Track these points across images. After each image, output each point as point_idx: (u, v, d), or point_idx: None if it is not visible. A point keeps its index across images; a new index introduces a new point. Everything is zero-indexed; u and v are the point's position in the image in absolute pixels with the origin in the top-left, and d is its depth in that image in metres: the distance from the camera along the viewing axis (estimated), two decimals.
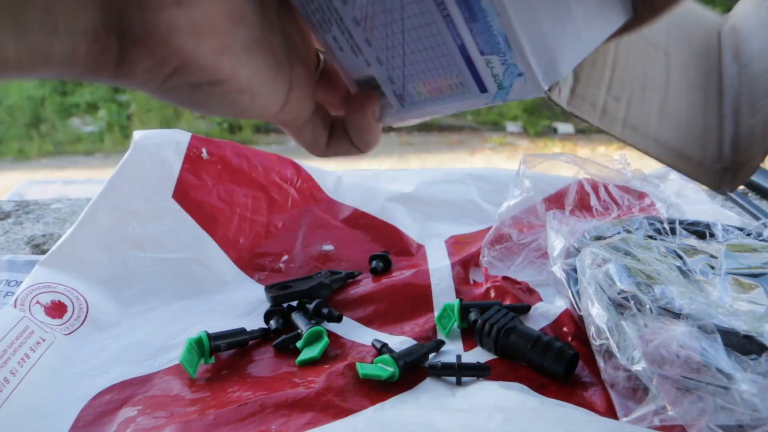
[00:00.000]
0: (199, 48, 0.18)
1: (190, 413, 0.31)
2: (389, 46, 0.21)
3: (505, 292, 0.42)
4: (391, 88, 0.22)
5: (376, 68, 0.22)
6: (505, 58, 0.19)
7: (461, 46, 0.19)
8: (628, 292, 0.32)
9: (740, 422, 0.27)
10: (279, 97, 0.21)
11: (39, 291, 0.40)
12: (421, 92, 0.22)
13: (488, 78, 0.20)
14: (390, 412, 0.31)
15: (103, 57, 0.18)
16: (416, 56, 0.21)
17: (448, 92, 0.21)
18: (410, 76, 0.21)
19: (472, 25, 0.19)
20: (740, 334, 0.29)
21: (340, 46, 0.22)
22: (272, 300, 0.42)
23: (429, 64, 0.21)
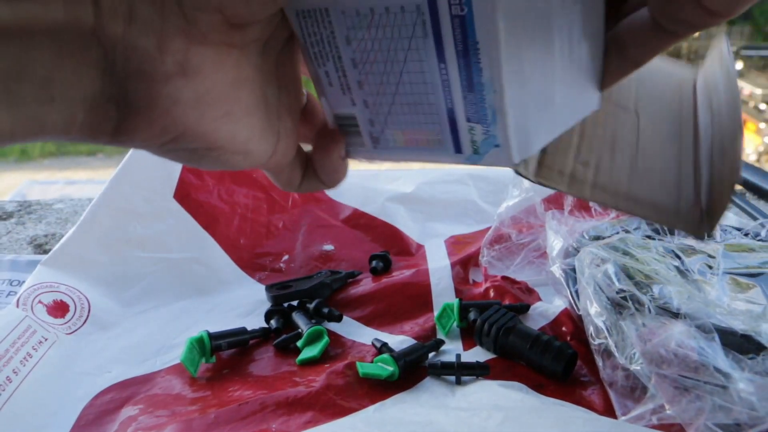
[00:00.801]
0: (202, 118, 0.18)
1: (191, 412, 0.31)
2: (380, 93, 0.21)
3: (505, 291, 0.42)
4: (369, 130, 0.23)
5: (360, 109, 0.22)
6: (488, 129, 0.20)
7: (450, 109, 0.20)
8: (626, 292, 0.32)
9: (738, 421, 0.27)
10: (268, 151, 0.21)
11: (41, 291, 0.40)
12: (398, 140, 0.22)
13: (467, 142, 0.21)
14: (390, 411, 0.31)
15: (100, 125, 0.17)
16: (403, 108, 0.21)
17: (424, 146, 0.22)
18: (392, 123, 0.22)
19: (467, 95, 0.20)
20: (738, 334, 0.30)
21: (330, 82, 0.22)
22: (273, 300, 0.42)
23: (413, 117, 0.21)
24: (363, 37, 0.20)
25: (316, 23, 0.20)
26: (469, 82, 0.19)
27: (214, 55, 0.18)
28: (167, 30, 0.17)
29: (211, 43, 0.18)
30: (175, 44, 0.17)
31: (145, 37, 0.16)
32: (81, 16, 0.15)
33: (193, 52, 0.17)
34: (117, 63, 0.16)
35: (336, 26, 0.20)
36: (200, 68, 0.17)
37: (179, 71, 0.17)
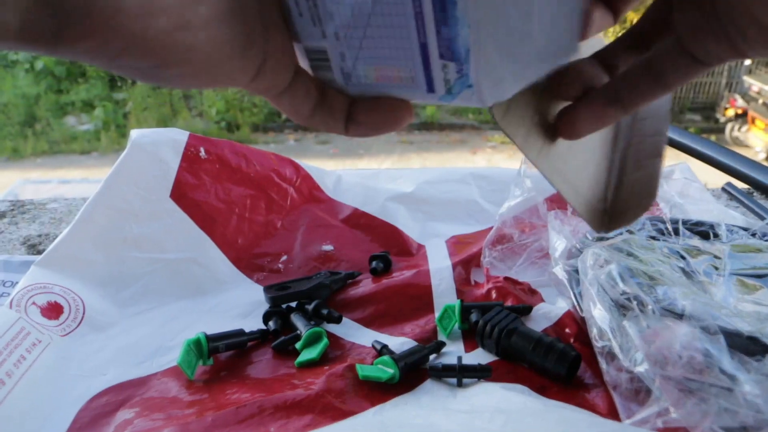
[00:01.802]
0: (148, 30, 0.16)
1: (187, 415, 0.31)
2: (352, 25, 0.20)
3: (507, 292, 0.42)
4: (340, 65, 0.22)
5: (331, 42, 0.21)
6: (462, 68, 0.20)
7: (423, 44, 0.20)
8: (630, 293, 0.32)
9: (744, 424, 0.27)
10: (248, 70, 0.20)
11: (35, 292, 0.39)
12: (369, 76, 0.22)
13: (440, 81, 0.21)
14: (390, 414, 0.31)
15: (37, 32, 0.16)
16: (376, 42, 0.20)
17: (396, 82, 0.21)
18: (363, 58, 0.21)
19: (441, 28, 0.19)
20: (744, 335, 0.29)
21: (300, 11, 0.21)
22: (271, 301, 0.42)
23: (386, 52, 0.21)
24: None
25: None
26: (443, 14, 0.19)
27: None
28: None
29: None
30: None
31: None
32: None
33: None
34: None
35: None
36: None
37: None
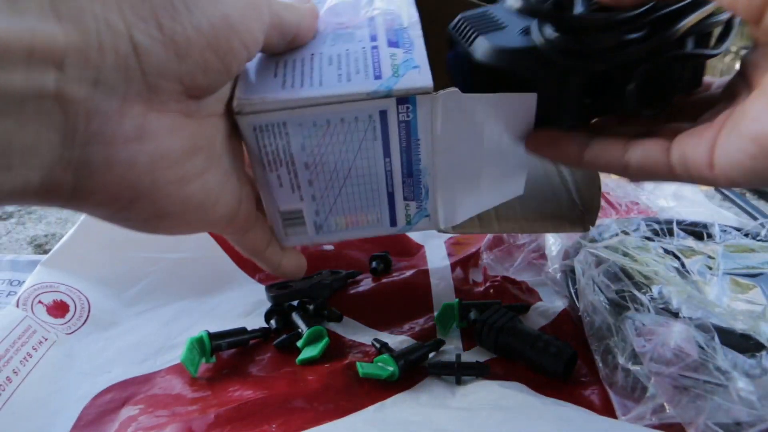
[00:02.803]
0: (156, 182, 0.18)
1: (191, 412, 0.31)
2: (328, 188, 0.23)
3: (505, 291, 0.42)
4: (314, 220, 0.25)
5: (307, 204, 0.24)
6: (421, 204, 0.24)
7: (390, 193, 0.23)
8: (626, 292, 0.32)
9: (738, 420, 0.27)
10: (228, 215, 0.22)
11: (41, 291, 0.40)
12: (340, 224, 0.25)
13: (401, 217, 0.24)
14: (390, 411, 0.31)
15: (56, 190, 0.17)
16: (349, 197, 0.24)
17: (364, 225, 0.25)
18: (336, 212, 0.24)
19: (406, 180, 0.23)
20: (737, 333, 0.30)
21: (281, 183, 0.24)
22: (273, 300, 0.42)
23: (357, 204, 0.24)
24: (318, 144, 0.22)
25: (273, 135, 0.22)
26: (408, 169, 0.23)
27: (171, 123, 0.18)
28: (129, 95, 0.17)
29: (168, 110, 0.18)
30: (135, 109, 0.17)
31: (108, 100, 0.16)
32: (44, 82, 0.15)
33: (151, 117, 0.18)
34: (78, 127, 0.16)
35: (292, 136, 0.22)
36: (157, 134, 0.18)
37: (137, 135, 0.17)
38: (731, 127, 0.19)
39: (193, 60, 0.18)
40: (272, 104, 0.21)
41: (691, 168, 0.20)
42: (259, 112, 0.21)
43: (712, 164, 0.20)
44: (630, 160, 0.22)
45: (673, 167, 0.21)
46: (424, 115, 0.21)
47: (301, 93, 0.21)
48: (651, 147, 0.22)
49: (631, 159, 0.22)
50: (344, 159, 0.22)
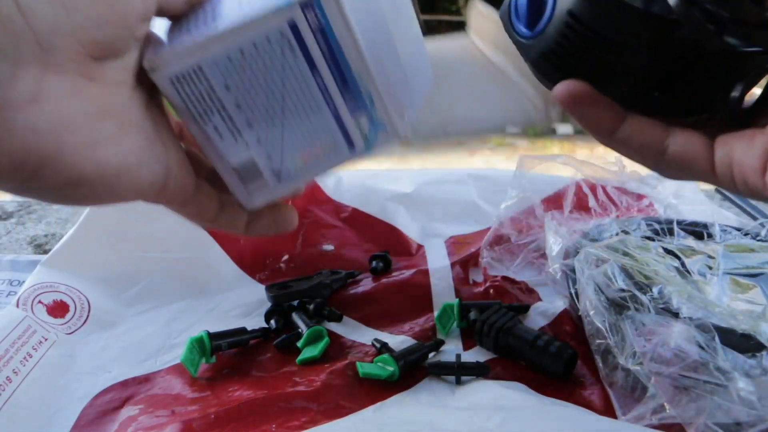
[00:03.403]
0: (62, 147, 0.17)
1: (191, 412, 0.31)
2: (270, 124, 0.22)
3: (505, 291, 0.42)
4: (269, 167, 0.24)
5: (255, 149, 0.23)
6: (371, 115, 0.22)
7: (335, 112, 0.22)
8: (626, 292, 0.32)
9: (738, 420, 0.27)
10: (154, 183, 0.21)
11: (41, 291, 0.40)
12: (298, 162, 0.24)
13: (357, 137, 0.23)
14: (390, 411, 0.31)
15: None
16: (294, 129, 0.23)
17: (321, 157, 0.24)
18: (288, 149, 0.23)
19: (345, 93, 0.22)
20: (738, 333, 0.30)
21: (221, 134, 0.23)
22: (273, 300, 0.42)
23: (306, 133, 0.23)
24: (241, 78, 0.21)
25: (192, 82, 0.21)
26: (342, 80, 0.21)
27: (72, 85, 0.18)
28: (22, 57, 0.16)
29: (68, 72, 0.17)
30: (30, 72, 0.17)
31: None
32: None
33: (49, 80, 0.17)
34: None
35: (212, 78, 0.21)
36: (56, 96, 0.17)
37: (33, 98, 0.17)
38: None
39: (83, 13, 0.17)
40: (180, 51, 0.20)
41: (736, 170, 0.19)
42: (169, 63, 0.21)
43: (764, 171, 0.19)
44: (669, 146, 0.20)
45: (715, 165, 0.20)
46: (334, 15, 0.20)
47: (205, 31, 0.20)
48: (694, 138, 0.20)
49: (671, 145, 0.20)
50: (273, 87, 0.21)
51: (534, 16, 0.22)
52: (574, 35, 0.21)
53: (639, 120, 0.21)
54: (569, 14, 0.21)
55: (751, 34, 0.19)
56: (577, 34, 0.21)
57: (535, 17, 0.22)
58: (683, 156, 0.20)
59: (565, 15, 0.21)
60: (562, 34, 0.21)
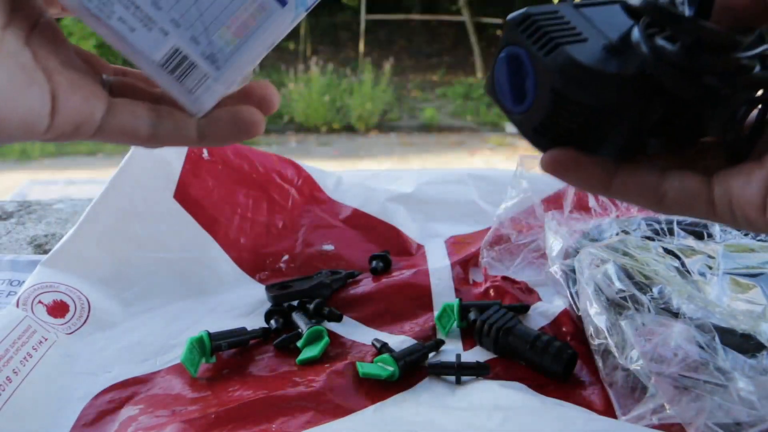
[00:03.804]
0: None
1: (191, 412, 0.31)
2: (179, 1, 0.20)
3: (505, 291, 0.42)
4: (199, 51, 0.21)
5: (175, 34, 0.21)
6: None
7: None
8: (626, 292, 0.32)
9: (738, 420, 0.27)
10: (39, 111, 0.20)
11: (41, 291, 0.40)
12: (229, 38, 0.21)
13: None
14: (390, 411, 0.31)
15: None
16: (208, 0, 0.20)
17: (254, 23, 0.21)
18: (211, 24, 0.21)
19: None
20: (738, 333, 0.30)
21: (131, 26, 0.21)
22: (273, 300, 0.42)
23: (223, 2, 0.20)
24: None
25: None
26: None
27: None
28: None
29: None
30: None
31: None
32: None
33: None
34: None
35: None
36: None
37: None
38: None
39: None
40: None
41: (736, 207, 0.19)
42: None
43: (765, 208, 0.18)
44: (667, 191, 0.20)
45: (715, 204, 0.20)
46: None
47: None
48: (690, 179, 0.20)
49: (669, 190, 0.20)
50: None
51: (518, 92, 0.22)
52: (561, 110, 0.21)
53: (631, 169, 0.21)
54: (553, 92, 0.21)
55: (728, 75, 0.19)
56: (563, 108, 0.21)
57: (519, 93, 0.22)
58: (682, 199, 0.20)
59: (549, 93, 0.21)
60: (549, 110, 0.21)
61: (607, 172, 0.21)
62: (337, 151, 3.92)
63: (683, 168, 0.21)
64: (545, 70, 0.21)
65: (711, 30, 0.19)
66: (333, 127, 4.35)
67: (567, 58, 0.20)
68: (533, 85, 0.21)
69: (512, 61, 0.22)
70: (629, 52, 0.20)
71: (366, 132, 4.31)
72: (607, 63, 0.20)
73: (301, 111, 4.38)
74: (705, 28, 0.19)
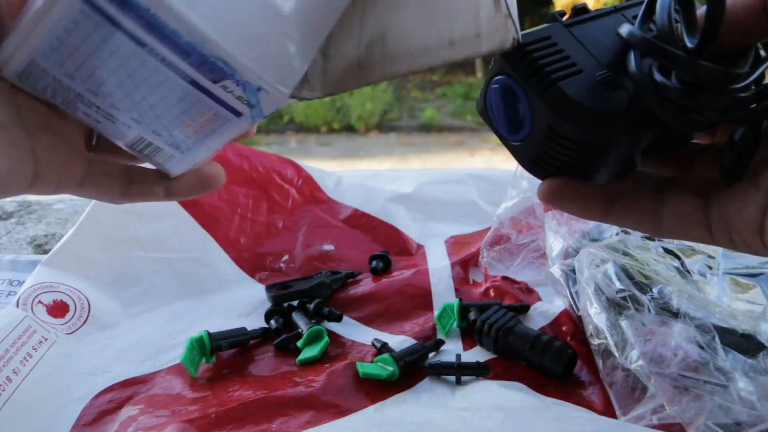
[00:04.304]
0: None
1: (191, 412, 0.31)
2: (132, 104, 0.21)
3: (505, 291, 0.42)
4: (163, 140, 0.22)
5: (137, 128, 0.22)
6: (236, 79, 0.19)
7: (192, 81, 0.19)
8: (626, 292, 0.32)
9: (738, 420, 0.27)
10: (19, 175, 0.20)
11: (41, 291, 0.40)
12: (189, 134, 0.22)
13: (236, 103, 0.20)
14: (390, 411, 0.31)
15: None
16: (162, 104, 0.21)
17: (211, 127, 0.21)
18: (169, 123, 0.21)
19: (189, 60, 0.19)
20: (738, 333, 0.30)
21: (95, 119, 0.21)
22: (273, 300, 0.42)
23: (177, 108, 0.21)
24: (75, 64, 0.20)
25: (37, 77, 0.20)
26: (179, 48, 0.18)
27: None
28: None
29: None
30: None
31: None
32: None
33: None
34: None
35: (51, 69, 0.20)
36: None
37: None
38: None
39: None
40: (9, 49, 0.20)
41: (734, 234, 0.19)
42: (7, 62, 0.20)
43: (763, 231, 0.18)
44: (664, 219, 0.21)
45: (712, 230, 0.20)
46: None
47: (18, 27, 0.19)
48: (686, 204, 0.20)
49: (665, 218, 0.21)
50: (113, 67, 0.19)
51: (513, 121, 0.22)
52: (557, 146, 0.21)
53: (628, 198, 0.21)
54: (549, 129, 0.21)
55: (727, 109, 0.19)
56: (560, 145, 0.21)
57: (514, 123, 0.22)
58: (679, 224, 0.21)
59: (545, 129, 0.21)
60: (545, 145, 0.21)
61: (605, 199, 0.21)
62: (337, 151, 3.93)
63: (678, 190, 0.21)
64: (541, 106, 0.20)
65: (709, 69, 0.19)
66: (333, 127, 4.35)
67: (563, 96, 0.20)
68: (529, 119, 0.21)
69: (506, 91, 0.22)
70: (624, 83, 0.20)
71: (366, 132, 4.32)
72: (604, 99, 0.20)
73: (301, 111, 4.38)
74: (702, 67, 0.19)
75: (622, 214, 0.21)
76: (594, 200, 0.21)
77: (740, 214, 0.19)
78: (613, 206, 0.21)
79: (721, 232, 0.19)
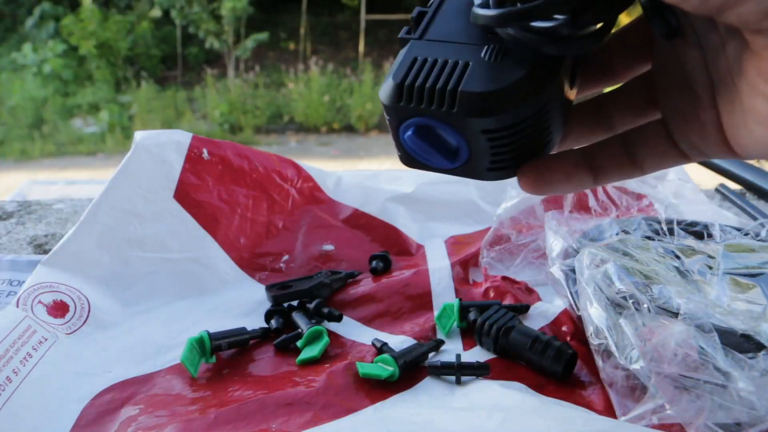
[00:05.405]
0: None
1: (191, 412, 0.31)
2: None
3: (505, 291, 0.42)
4: None
5: None
6: None
7: None
8: (626, 292, 0.32)
9: (738, 420, 0.27)
10: None
11: (41, 291, 0.40)
12: None
13: None
14: (390, 411, 0.31)
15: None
16: None
17: None
18: None
19: None
20: (738, 333, 0.30)
21: None
22: (273, 300, 0.42)
23: None
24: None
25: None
26: None
27: None
28: None
29: None
30: None
31: None
32: None
33: None
34: None
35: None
36: None
37: None
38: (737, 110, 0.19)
39: None
40: None
41: (707, 153, 0.21)
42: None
43: (728, 144, 0.20)
44: (644, 164, 0.22)
45: (686, 155, 0.22)
46: None
47: None
48: (655, 143, 0.22)
49: (645, 162, 0.22)
50: None
51: (446, 151, 0.21)
52: (501, 141, 0.20)
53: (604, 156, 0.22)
54: (484, 133, 0.20)
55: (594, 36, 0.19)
56: (502, 138, 0.20)
57: (448, 152, 0.21)
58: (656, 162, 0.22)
59: (480, 135, 0.20)
60: (491, 148, 0.20)
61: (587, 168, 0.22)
62: (337, 151, 3.93)
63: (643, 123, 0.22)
64: (461, 121, 0.20)
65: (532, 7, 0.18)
66: (333, 127, 4.35)
67: (473, 97, 0.19)
68: (461, 139, 0.20)
69: (420, 131, 0.21)
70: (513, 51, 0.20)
71: (366, 132, 4.31)
72: (507, 71, 0.19)
73: (301, 111, 4.38)
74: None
75: (607, 173, 0.22)
76: (576, 171, 0.22)
77: (704, 138, 0.20)
78: (597, 170, 0.22)
79: (696, 154, 0.21)
